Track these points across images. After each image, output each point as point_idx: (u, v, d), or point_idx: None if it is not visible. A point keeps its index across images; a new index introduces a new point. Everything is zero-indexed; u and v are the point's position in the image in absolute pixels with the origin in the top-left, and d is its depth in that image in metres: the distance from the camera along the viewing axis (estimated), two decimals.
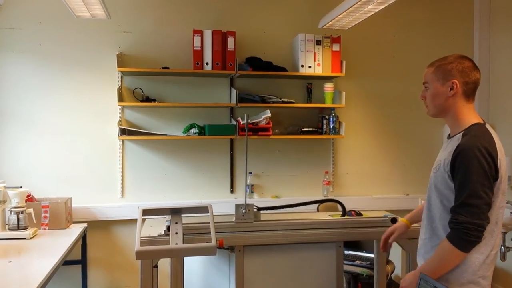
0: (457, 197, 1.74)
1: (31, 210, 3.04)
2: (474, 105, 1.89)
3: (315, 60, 3.75)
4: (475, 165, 1.70)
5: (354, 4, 2.96)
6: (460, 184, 1.73)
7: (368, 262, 3.27)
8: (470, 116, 1.85)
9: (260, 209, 2.53)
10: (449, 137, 1.91)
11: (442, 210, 1.82)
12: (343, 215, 2.67)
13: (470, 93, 1.85)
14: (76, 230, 3.23)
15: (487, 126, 1.84)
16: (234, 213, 3.70)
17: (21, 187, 3.16)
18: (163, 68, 3.59)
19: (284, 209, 2.73)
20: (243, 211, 2.46)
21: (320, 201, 3.35)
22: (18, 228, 2.96)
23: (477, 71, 1.86)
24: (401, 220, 2.29)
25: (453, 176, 1.76)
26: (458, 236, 1.72)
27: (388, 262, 3.28)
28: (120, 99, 3.56)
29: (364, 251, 3.40)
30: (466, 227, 1.70)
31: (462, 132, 1.81)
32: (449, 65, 1.85)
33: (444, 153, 1.86)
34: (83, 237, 3.41)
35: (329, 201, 3.18)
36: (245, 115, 2.97)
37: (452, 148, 1.79)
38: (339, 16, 3.26)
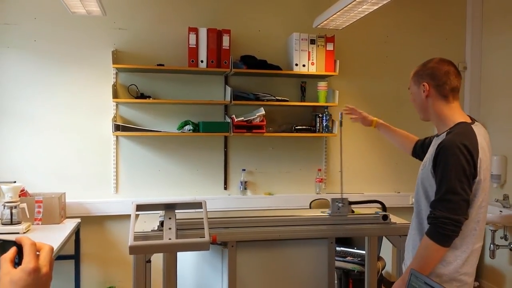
0: (436, 192, 1.80)
1: (24, 205, 3.04)
2: (457, 105, 1.93)
3: (309, 59, 3.79)
4: (453, 162, 1.74)
5: (348, 4, 2.99)
6: (440, 180, 1.78)
7: (359, 259, 3.31)
8: (454, 115, 1.89)
9: (351, 203, 2.64)
10: (437, 136, 1.96)
11: (427, 206, 1.87)
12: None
13: (447, 94, 1.90)
14: (69, 225, 3.24)
15: (475, 125, 1.87)
16: (228, 209, 3.74)
17: (14, 182, 3.17)
18: (158, 65, 3.60)
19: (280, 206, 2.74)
20: (339, 204, 2.57)
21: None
22: (11, 223, 2.96)
23: (453, 75, 1.90)
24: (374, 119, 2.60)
25: (434, 173, 1.82)
26: (435, 231, 1.77)
27: (379, 258, 3.32)
28: (115, 95, 3.57)
29: (355, 248, 3.44)
30: (442, 222, 1.75)
31: (447, 131, 1.85)
32: (422, 70, 1.96)
33: (430, 151, 1.92)
34: (76, 232, 3.42)
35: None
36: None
37: (436, 146, 1.84)
38: (334, 16, 3.29)
